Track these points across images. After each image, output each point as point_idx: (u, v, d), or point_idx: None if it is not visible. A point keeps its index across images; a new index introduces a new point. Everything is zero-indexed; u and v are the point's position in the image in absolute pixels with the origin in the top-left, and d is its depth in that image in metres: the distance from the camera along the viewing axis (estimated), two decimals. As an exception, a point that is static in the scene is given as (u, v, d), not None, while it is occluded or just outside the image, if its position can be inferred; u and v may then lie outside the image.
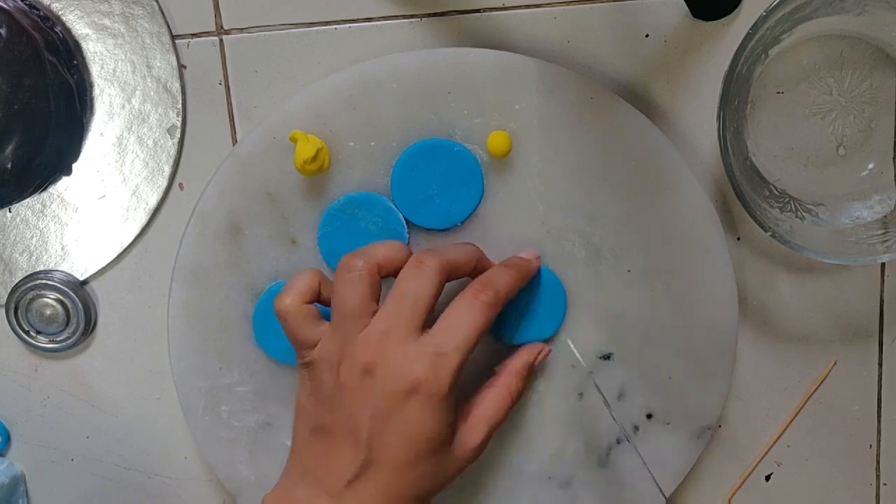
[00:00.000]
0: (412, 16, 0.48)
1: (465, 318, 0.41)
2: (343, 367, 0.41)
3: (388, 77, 0.46)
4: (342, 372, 0.40)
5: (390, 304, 0.41)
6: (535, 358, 0.46)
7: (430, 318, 0.41)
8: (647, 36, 0.47)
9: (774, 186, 0.47)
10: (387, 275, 0.42)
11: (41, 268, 0.50)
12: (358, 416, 0.40)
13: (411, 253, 0.43)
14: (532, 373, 0.46)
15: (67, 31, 0.48)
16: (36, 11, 0.48)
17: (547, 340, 0.48)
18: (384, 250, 0.42)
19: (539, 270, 0.47)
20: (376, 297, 0.42)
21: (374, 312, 0.41)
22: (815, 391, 0.51)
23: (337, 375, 0.41)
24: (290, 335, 0.43)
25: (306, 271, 0.44)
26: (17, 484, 0.52)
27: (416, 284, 0.41)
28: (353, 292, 0.41)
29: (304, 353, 0.42)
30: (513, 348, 0.47)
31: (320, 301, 0.43)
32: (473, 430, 0.43)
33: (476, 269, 0.44)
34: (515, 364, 0.46)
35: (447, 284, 0.42)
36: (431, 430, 0.40)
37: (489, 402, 0.44)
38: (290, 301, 0.42)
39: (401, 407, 0.39)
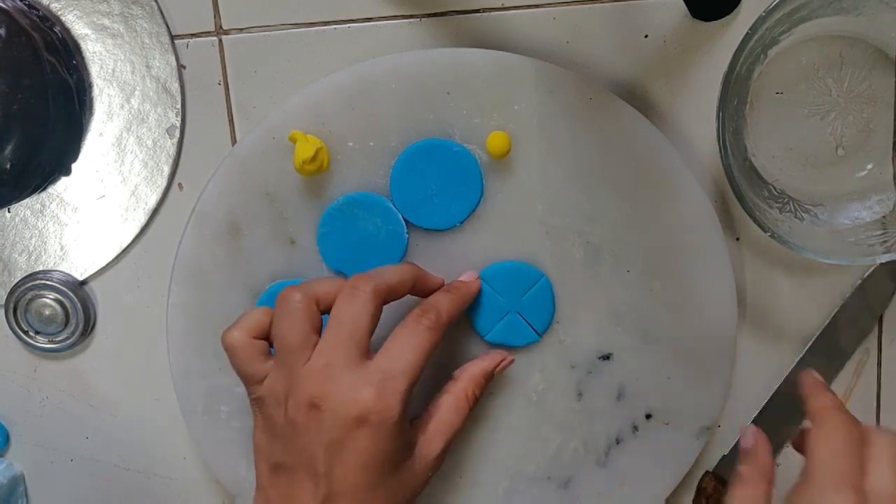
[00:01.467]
0: (412, 16, 0.48)
1: (408, 342, 0.41)
2: (290, 402, 0.40)
3: (387, 77, 0.46)
4: (290, 408, 0.40)
5: (328, 333, 0.41)
6: (496, 366, 0.46)
7: (374, 344, 0.41)
8: (646, 36, 0.47)
9: (773, 187, 0.47)
10: (325, 308, 0.42)
11: (40, 268, 0.50)
12: (312, 450, 0.40)
13: None
14: (490, 381, 0.46)
15: (66, 30, 0.48)
16: (35, 11, 0.48)
17: (541, 340, 0.48)
18: (322, 284, 0.42)
19: (539, 277, 0.47)
20: (316, 329, 0.41)
21: (316, 344, 0.41)
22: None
23: (285, 411, 0.40)
24: (237, 370, 0.42)
25: (258, 308, 0.43)
26: (16, 484, 0.52)
27: (350, 311, 0.40)
28: (291, 326, 0.41)
29: (252, 388, 0.42)
30: (506, 349, 0.48)
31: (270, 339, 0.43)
32: (432, 441, 0.43)
33: (416, 288, 0.44)
34: (474, 370, 0.45)
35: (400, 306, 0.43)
36: (387, 453, 0.40)
37: (445, 410, 0.44)
38: (238, 335, 0.42)
39: (353, 436, 0.39)
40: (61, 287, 0.49)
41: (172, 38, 0.48)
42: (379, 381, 0.39)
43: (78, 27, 0.48)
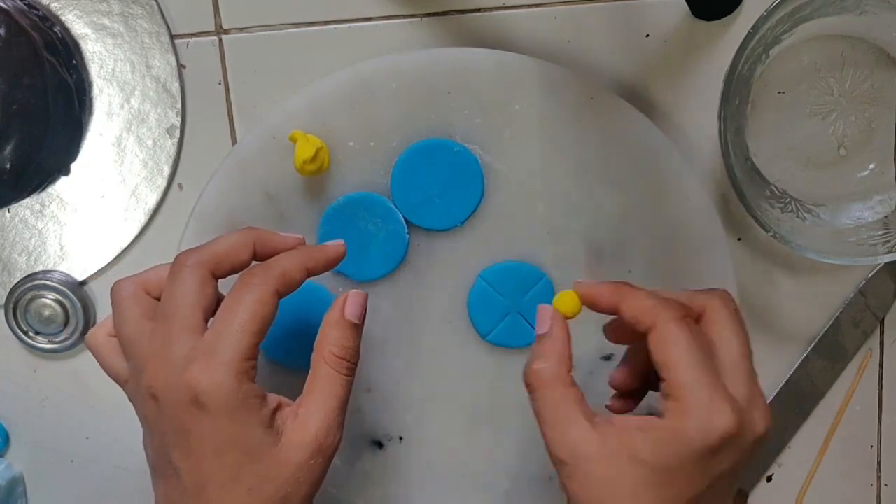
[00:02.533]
0: (412, 16, 0.48)
1: (232, 307, 0.36)
2: (137, 399, 0.38)
3: (387, 77, 0.46)
4: (139, 405, 0.38)
5: (157, 318, 0.38)
6: (342, 311, 0.39)
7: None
8: (647, 36, 0.47)
9: (775, 186, 0.47)
10: (159, 293, 0.39)
11: (40, 268, 0.50)
12: (165, 445, 0.37)
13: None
14: (355, 329, 0.39)
15: (66, 30, 0.48)
16: (35, 11, 0.48)
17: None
18: (153, 270, 0.40)
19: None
20: (151, 317, 0.38)
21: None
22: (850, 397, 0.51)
23: (138, 409, 0.38)
24: (105, 371, 0.41)
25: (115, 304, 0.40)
26: (15, 485, 0.52)
27: (173, 290, 0.37)
28: (125, 317, 0.38)
29: (124, 389, 0.40)
30: (507, 350, 0.47)
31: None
32: (306, 422, 0.37)
33: (259, 252, 0.40)
34: (322, 331, 0.39)
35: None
36: (233, 436, 0.35)
37: (310, 384, 0.38)
38: (97, 332, 0.40)
39: (194, 422, 0.35)
40: (61, 287, 0.49)
41: (172, 37, 0.48)
42: (205, 357, 0.35)
43: (78, 27, 0.48)
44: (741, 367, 0.36)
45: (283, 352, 0.47)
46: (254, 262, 0.40)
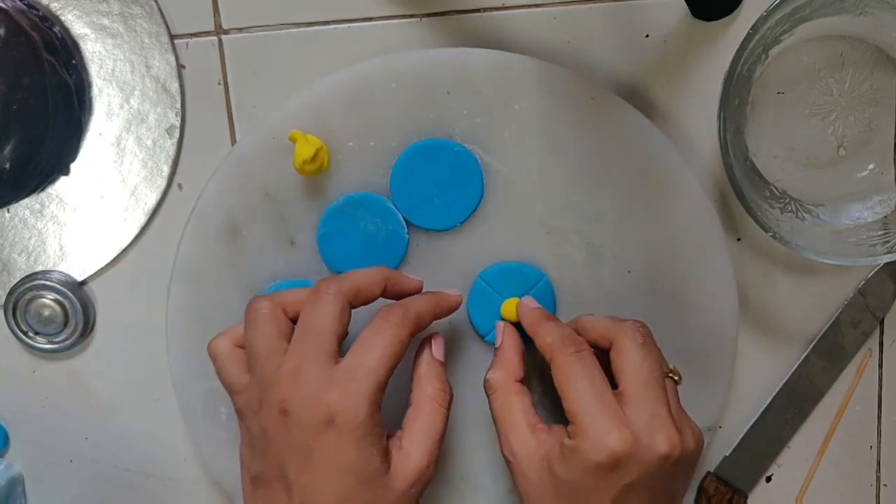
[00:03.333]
0: (412, 16, 0.48)
1: (373, 340, 0.40)
2: (262, 410, 0.40)
3: (387, 77, 0.46)
4: (262, 416, 0.40)
5: (296, 339, 0.40)
6: (431, 350, 0.44)
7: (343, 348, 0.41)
8: (647, 36, 0.47)
9: (775, 187, 0.47)
10: (294, 315, 0.42)
11: (39, 268, 0.50)
12: (283, 458, 0.39)
13: None
14: (442, 364, 0.44)
15: (66, 30, 0.48)
16: (34, 11, 0.48)
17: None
18: (290, 292, 0.42)
19: (542, 281, 0.47)
20: (285, 336, 0.41)
21: (286, 352, 0.40)
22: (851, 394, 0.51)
23: (259, 421, 0.40)
24: (220, 378, 0.43)
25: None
26: (15, 485, 0.52)
27: (314, 315, 0.40)
28: (258, 335, 0.41)
29: (234, 399, 0.42)
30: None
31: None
32: (409, 455, 0.40)
33: (389, 290, 0.43)
34: (418, 369, 0.43)
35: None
36: (356, 460, 0.38)
37: (413, 419, 0.41)
38: (221, 343, 0.43)
39: (321, 441, 0.38)
40: (61, 287, 0.49)
41: (172, 37, 0.48)
42: (343, 382, 0.38)
43: (77, 27, 0.48)
44: (643, 393, 0.40)
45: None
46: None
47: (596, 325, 0.43)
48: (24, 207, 0.50)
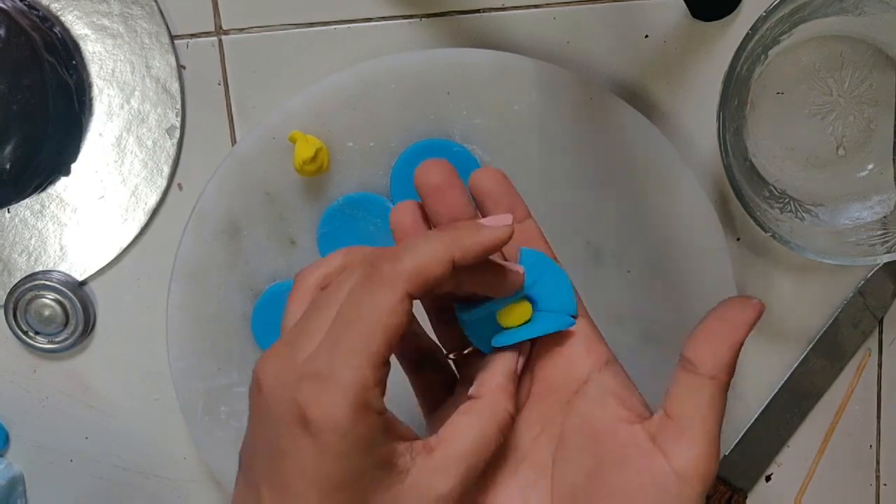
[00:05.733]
0: (412, 16, 0.48)
1: (350, 318, 0.28)
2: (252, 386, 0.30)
3: (387, 77, 0.46)
4: (250, 392, 0.30)
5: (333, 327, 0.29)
6: (516, 364, 0.33)
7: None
8: (646, 36, 0.47)
9: (774, 187, 0.47)
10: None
11: (40, 268, 0.50)
12: (255, 454, 0.30)
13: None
14: (518, 385, 0.33)
15: (66, 31, 0.48)
16: (35, 11, 0.48)
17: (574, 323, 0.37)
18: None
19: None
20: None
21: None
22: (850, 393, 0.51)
23: (249, 398, 0.31)
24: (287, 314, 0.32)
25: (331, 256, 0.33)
26: (15, 484, 0.52)
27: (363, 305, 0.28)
28: (289, 314, 0.32)
29: None
30: None
31: None
32: (439, 474, 0.29)
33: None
34: (496, 378, 0.32)
35: None
36: (341, 478, 0.27)
37: (464, 433, 0.30)
38: (309, 275, 0.32)
39: (294, 446, 0.28)
40: (61, 287, 0.49)
41: (172, 38, 0.48)
42: (317, 376, 0.28)
43: (78, 27, 0.48)
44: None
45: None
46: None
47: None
48: (24, 208, 0.50)
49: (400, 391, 0.35)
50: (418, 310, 0.31)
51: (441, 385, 0.35)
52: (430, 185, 0.33)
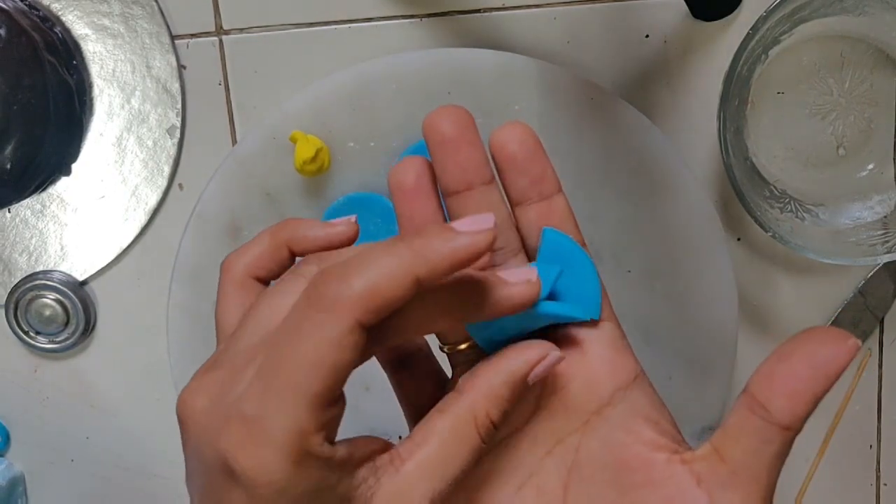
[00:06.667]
0: (412, 16, 0.48)
1: (286, 352, 0.23)
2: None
3: (388, 77, 0.46)
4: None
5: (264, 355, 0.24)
6: (532, 367, 0.26)
7: None
8: (647, 36, 0.47)
9: (774, 187, 0.47)
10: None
11: (40, 268, 0.50)
12: (192, 489, 0.25)
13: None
14: (525, 392, 0.27)
15: (67, 31, 0.48)
16: (35, 12, 0.48)
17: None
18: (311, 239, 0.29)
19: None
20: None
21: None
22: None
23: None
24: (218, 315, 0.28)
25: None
26: (16, 484, 0.52)
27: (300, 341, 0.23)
28: (227, 307, 0.28)
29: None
30: None
31: None
32: (408, 489, 0.25)
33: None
34: (491, 378, 0.26)
35: None
36: None
37: (438, 441, 0.25)
38: (236, 261, 0.29)
39: (230, 497, 0.23)
40: (61, 287, 0.49)
41: (173, 38, 0.48)
42: (245, 421, 0.23)
43: (78, 27, 0.48)
44: None
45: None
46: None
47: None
48: (25, 207, 0.50)
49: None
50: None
51: (429, 386, 0.30)
52: (442, 136, 0.27)
